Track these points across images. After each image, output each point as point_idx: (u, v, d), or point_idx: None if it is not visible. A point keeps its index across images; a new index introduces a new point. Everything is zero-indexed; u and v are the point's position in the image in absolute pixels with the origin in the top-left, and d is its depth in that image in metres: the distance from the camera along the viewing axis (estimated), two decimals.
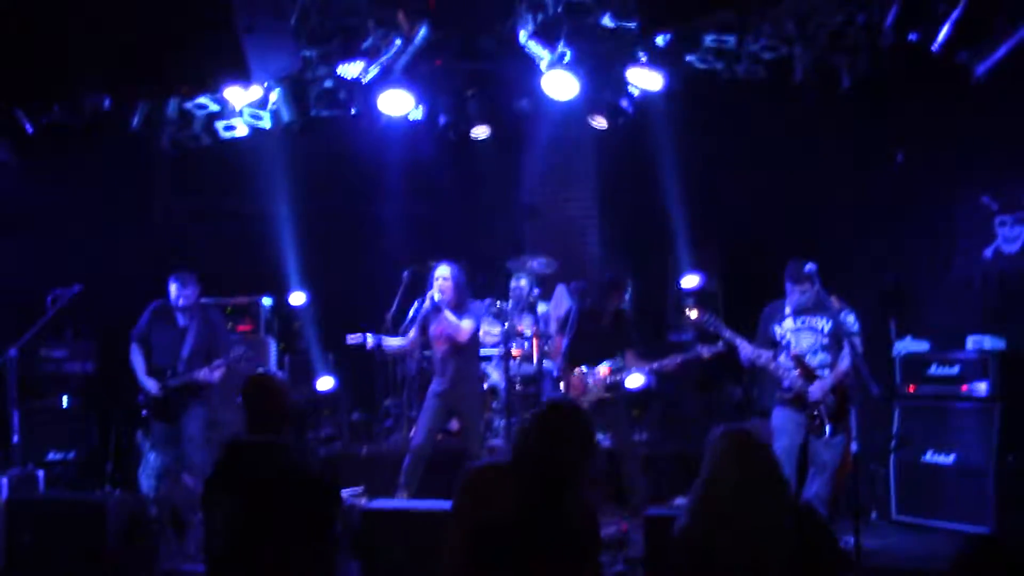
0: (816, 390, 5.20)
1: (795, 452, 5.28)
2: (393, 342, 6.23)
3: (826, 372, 5.26)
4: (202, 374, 6.07)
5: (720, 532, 2.73)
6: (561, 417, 2.78)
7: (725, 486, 2.77)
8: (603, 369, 6.07)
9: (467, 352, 6.06)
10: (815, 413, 5.21)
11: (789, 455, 5.24)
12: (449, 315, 5.94)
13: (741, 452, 2.81)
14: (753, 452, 2.82)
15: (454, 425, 6.59)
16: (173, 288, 6.20)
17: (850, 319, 5.26)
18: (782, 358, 5.37)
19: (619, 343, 6.13)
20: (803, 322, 5.36)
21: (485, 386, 7.02)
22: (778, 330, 5.41)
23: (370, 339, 6.12)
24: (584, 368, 6.14)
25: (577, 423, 2.79)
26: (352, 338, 6.14)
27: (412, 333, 6.17)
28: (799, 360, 5.30)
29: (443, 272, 6.05)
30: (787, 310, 5.39)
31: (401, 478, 5.89)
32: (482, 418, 6.30)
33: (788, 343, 5.37)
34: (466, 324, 5.94)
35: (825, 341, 5.32)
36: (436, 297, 5.93)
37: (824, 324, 5.31)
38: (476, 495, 2.76)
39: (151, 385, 6.13)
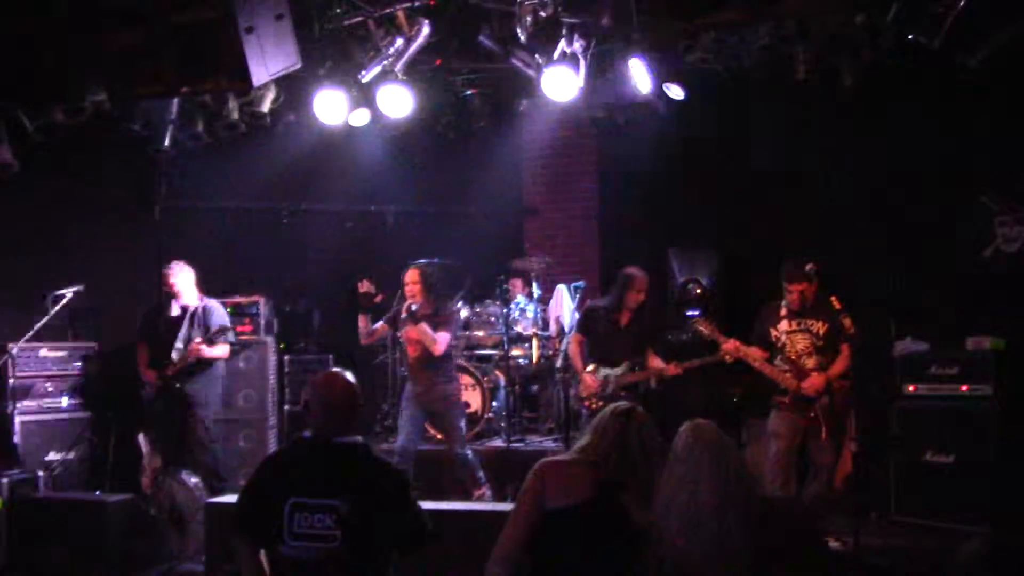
0: (809, 386, 5.18)
1: (793, 454, 5.27)
2: (362, 323, 6.07)
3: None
4: (201, 350, 6.06)
5: (667, 522, 2.76)
6: (642, 424, 3.04)
7: (672, 475, 2.83)
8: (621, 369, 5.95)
9: (439, 356, 5.91)
10: (812, 415, 5.20)
11: (787, 457, 5.24)
12: (425, 328, 5.79)
13: (688, 441, 2.84)
14: (703, 439, 2.83)
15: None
16: (167, 275, 6.23)
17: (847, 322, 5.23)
18: (778, 360, 5.35)
19: (640, 342, 5.92)
20: (799, 324, 5.32)
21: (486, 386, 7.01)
22: (774, 332, 5.37)
23: (378, 297, 6.00)
24: (600, 367, 5.93)
25: (654, 431, 3.05)
26: (363, 287, 5.97)
27: (377, 324, 6.12)
28: (794, 364, 5.28)
29: (412, 277, 5.91)
30: (783, 311, 5.37)
31: None
32: (460, 417, 6.09)
33: (783, 345, 5.34)
34: (441, 338, 5.82)
35: (821, 344, 5.27)
36: (413, 307, 5.82)
37: (820, 326, 5.28)
38: (549, 482, 2.96)
39: (150, 376, 6.14)
